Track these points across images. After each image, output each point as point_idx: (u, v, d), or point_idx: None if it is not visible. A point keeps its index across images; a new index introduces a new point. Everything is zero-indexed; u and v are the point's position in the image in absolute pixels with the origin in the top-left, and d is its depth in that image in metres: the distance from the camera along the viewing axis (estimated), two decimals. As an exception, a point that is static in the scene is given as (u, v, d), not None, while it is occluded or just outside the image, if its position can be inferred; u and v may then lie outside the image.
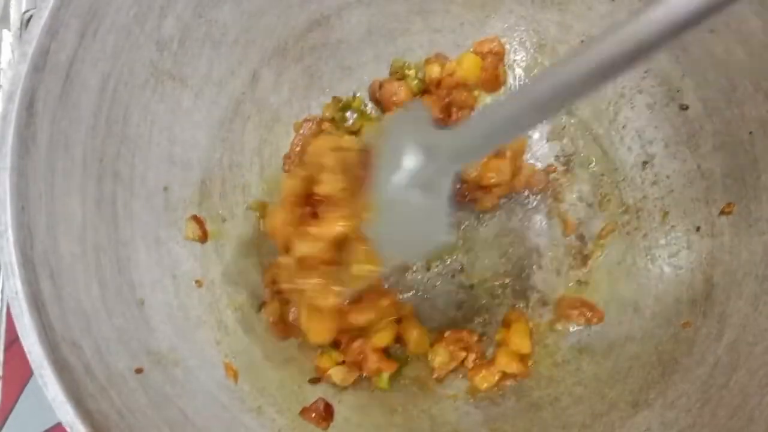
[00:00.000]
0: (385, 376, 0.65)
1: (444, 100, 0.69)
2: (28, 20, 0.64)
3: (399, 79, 0.70)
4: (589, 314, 0.66)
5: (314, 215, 0.55)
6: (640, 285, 0.66)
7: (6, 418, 0.70)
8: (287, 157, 0.70)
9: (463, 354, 0.66)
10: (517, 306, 0.69)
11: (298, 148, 0.70)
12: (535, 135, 0.72)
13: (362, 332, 0.64)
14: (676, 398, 0.57)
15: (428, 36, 0.71)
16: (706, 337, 0.58)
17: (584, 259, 0.70)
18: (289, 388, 0.64)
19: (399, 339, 0.66)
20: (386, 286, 0.68)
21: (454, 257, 0.71)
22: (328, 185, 0.53)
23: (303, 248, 0.53)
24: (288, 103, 0.70)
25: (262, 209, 0.68)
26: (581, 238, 0.70)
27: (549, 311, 0.69)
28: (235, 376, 0.61)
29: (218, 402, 0.59)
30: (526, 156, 0.71)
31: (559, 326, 0.68)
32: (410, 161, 0.49)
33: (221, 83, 0.65)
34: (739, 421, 0.52)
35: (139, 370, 0.54)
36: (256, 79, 0.67)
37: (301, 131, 0.69)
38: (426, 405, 0.65)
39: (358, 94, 0.72)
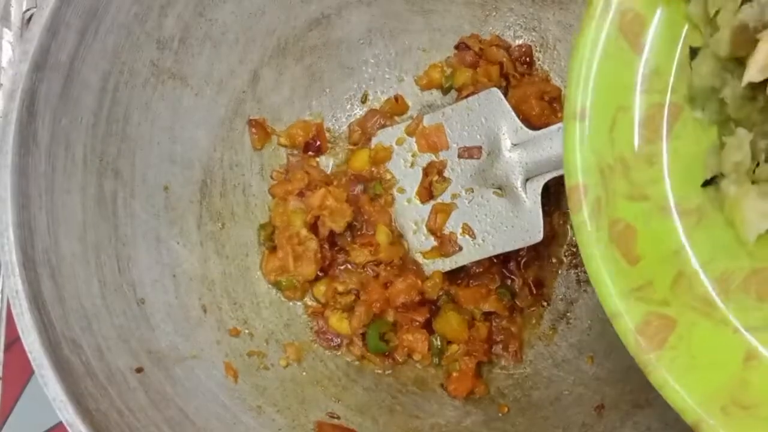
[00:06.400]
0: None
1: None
2: (29, 19, 0.64)
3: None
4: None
5: None
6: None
7: (6, 418, 0.70)
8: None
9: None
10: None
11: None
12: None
13: None
14: (677, 397, 0.57)
15: (428, 35, 0.71)
16: (707, 336, 0.58)
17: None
18: (289, 387, 0.64)
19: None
20: None
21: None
22: None
23: None
24: (289, 103, 0.70)
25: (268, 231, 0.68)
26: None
27: (549, 311, 0.69)
28: (235, 375, 0.61)
29: (218, 401, 0.59)
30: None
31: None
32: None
33: (222, 82, 0.65)
34: (740, 421, 0.52)
35: (139, 370, 0.54)
36: (257, 78, 0.67)
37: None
38: (426, 405, 0.65)
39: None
